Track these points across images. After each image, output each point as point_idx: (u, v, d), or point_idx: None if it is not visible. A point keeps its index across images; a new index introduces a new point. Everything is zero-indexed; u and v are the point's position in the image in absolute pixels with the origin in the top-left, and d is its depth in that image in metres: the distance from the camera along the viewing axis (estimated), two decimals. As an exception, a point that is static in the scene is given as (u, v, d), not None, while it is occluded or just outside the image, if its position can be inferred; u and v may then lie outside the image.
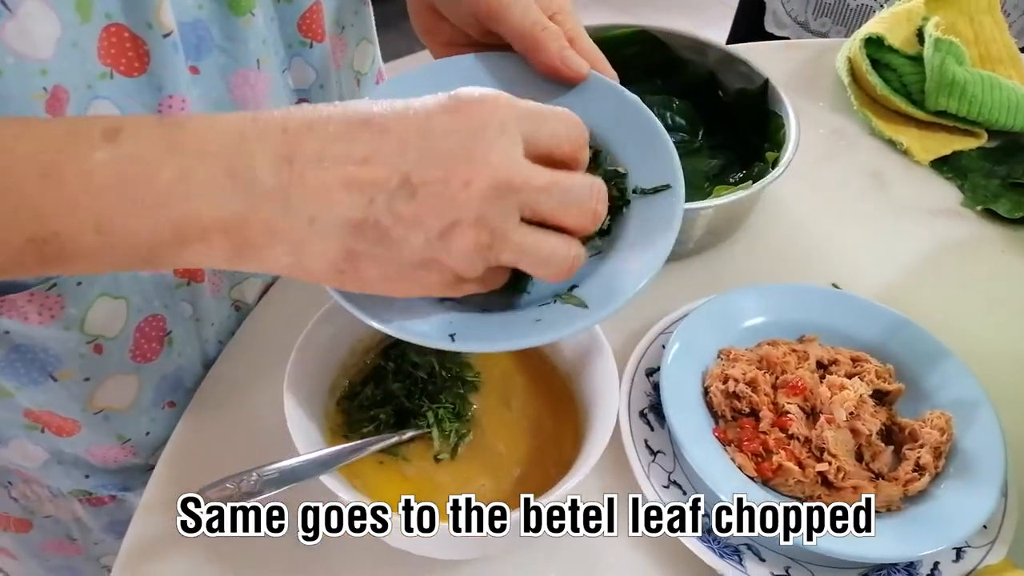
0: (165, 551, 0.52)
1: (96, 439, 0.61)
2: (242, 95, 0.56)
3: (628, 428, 0.56)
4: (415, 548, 0.48)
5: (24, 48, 0.42)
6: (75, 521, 0.69)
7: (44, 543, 0.71)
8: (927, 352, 0.60)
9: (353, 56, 0.69)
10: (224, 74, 0.55)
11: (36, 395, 0.56)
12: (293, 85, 0.63)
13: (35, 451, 0.61)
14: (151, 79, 0.50)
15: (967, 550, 0.52)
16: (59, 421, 0.58)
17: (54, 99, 0.45)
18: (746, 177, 0.72)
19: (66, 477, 0.64)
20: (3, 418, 0.58)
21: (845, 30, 1.13)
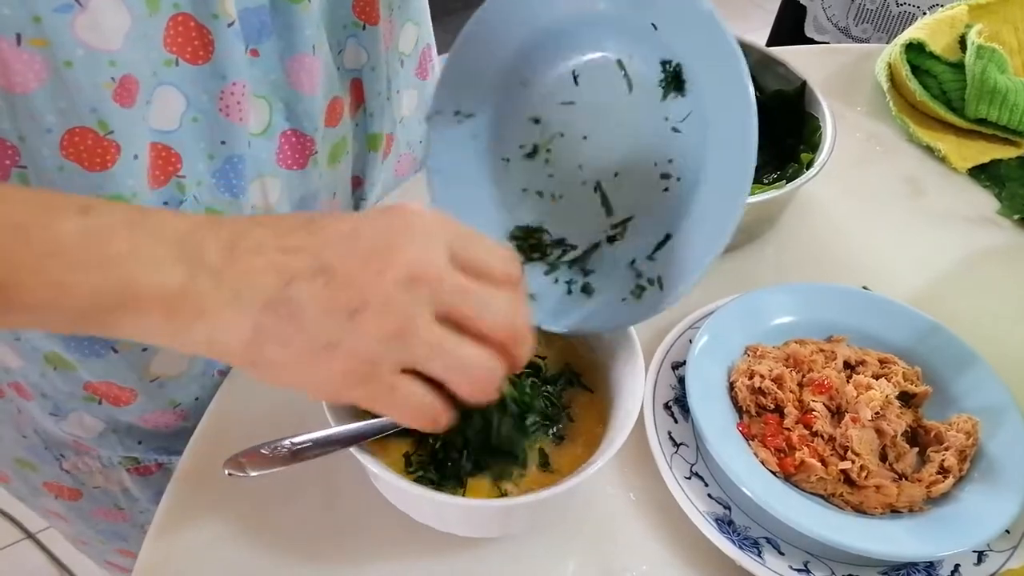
0: (198, 519, 0.54)
1: (151, 405, 0.64)
2: (298, 79, 0.59)
3: (652, 419, 0.57)
4: (440, 523, 0.49)
5: (95, 40, 0.45)
6: (123, 491, 0.72)
7: (93, 510, 0.75)
8: (956, 357, 0.60)
9: (399, 38, 0.71)
10: (282, 57, 0.57)
11: (97, 367, 0.60)
12: (347, 66, 0.65)
13: (92, 422, 0.65)
14: (215, 67, 0.52)
15: (989, 554, 0.52)
16: (116, 391, 0.62)
17: (122, 88, 0.48)
18: (780, 177, 0.73)
19: (120, 444, 0.67)
20: (64, 392, 0.62)
21: (887, 37, 1.13)
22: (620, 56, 0.50)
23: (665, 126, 0.48)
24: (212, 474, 0.55)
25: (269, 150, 0.61)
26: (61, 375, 0.61)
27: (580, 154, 0.52)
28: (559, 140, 0.52)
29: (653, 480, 0.55)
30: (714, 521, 0.52)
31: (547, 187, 0.53)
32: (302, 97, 0.60)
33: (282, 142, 0.61)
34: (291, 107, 0.60)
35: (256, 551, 0.52)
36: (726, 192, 0.45)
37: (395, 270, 0.37)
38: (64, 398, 0.63)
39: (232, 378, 0.62)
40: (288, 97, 0.59)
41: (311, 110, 0.61)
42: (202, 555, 0.52)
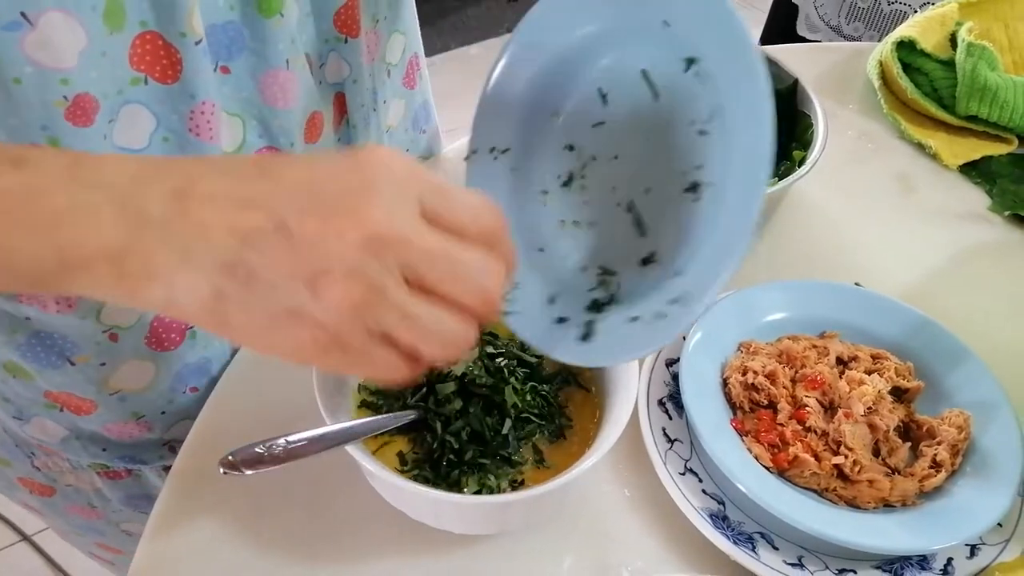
0: (194, 518, 0.54)
1: (112, 417, 0.63)
2: (272, 95, 0.57)
3: (646, 416, 0.57)
4: (435, 521, 0.49)
5: (45, 59, 0.43)
6: (95, 492, 0.72)
7: (67, 507, 0.75)
8: (948, 352, 0.60)
9: (385, 49, 0.70)
10: (254, 74, 0.55)
11: (55, 377, 0.59)
12: (329, 80, 0.63)
13: (54, 428, 0.64)
14: (184, 87, 0.51)
15: (981, 547, 0.52)
16: (76, 401, 0.61)
17: (76, 107, 0.46)
18: (772, 175, 0.73)
19: (84, 451, 0.66)
20: (25, 397, 0.61)
21: (878, 35, 1.13)
22: (642, 64, 0.48)
23: (692, 130, 0.47)
24: (207, 473, 0.56)
25: None
26: (20, 383, 0.60)
27: (612, 175, 0.51)
28: (592, 164, 0.51)
29: (648, 476, 0.55)
30: (708, 516, 0.52)
31: (582, 216, 0.51)
32: (277, 113, 0.58)
33: None
34: (266, 123, 0.58)
35: (252, 549, 0.52)
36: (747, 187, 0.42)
37: (359, 231, 0.34)
38: (26, 403, 0.62)
39: (228, 377, 0.62)
40: (262, 114, 0.58)
41: (287, 126, 0.59)
42: (198, 554, 0.52)
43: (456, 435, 0.50)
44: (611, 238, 0.50)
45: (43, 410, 0.62)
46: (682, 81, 0.46)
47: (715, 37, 0.44)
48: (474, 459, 0.50)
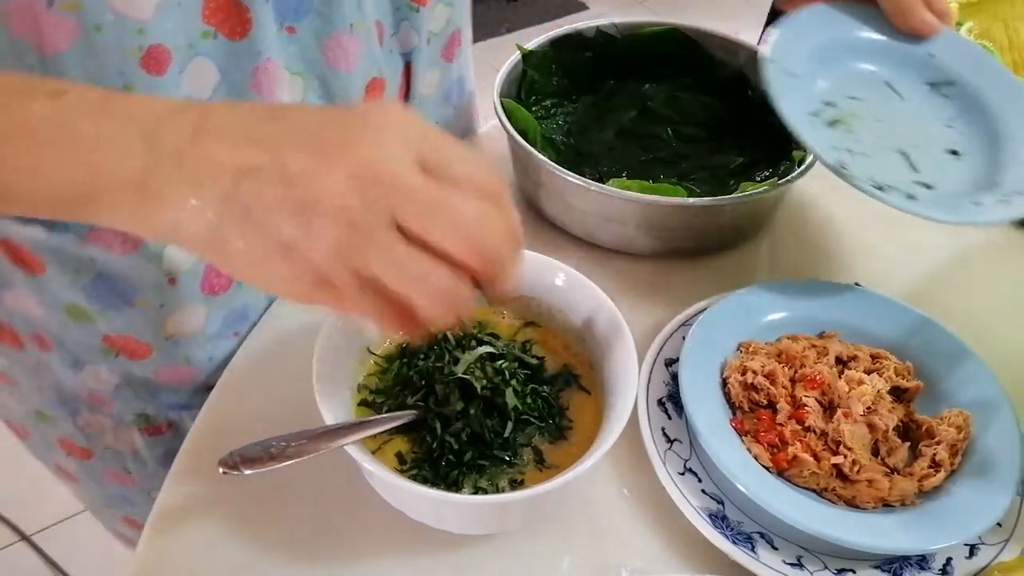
0: (193, 517, 0.54)
1: (164, 361, 0.66)
2: (335, 57, 0.59)
3: (646, 416, 0.57)
4: (435, 521, 0.49)
5: (125, 8, 0.46)
6: (132, 453, 0.74)
7: (103, 471, 0.77)
8: (948, 352, 0.60)
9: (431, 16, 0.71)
10: (318, 36, 0.57)
11: (116, 320, 0.61)
12: (401, 49, 0.66)
13: (108, 375, 0.66)
14: (250, 44, 0.53)
15: (980, 547, 0.52)
16: (133, 345, 0.64)
17: (150, 57, 0.48)
18: (772, 175, 0.73)
19: (133, 400, 0.69)
20: (83, 343, 0.64)
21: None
22: (889, 78, 0.67)
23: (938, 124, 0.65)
24: (207, 473, 0.56)
25: None
26: (81, 327, 0.62)
27: (879, 129, 0.63)
28: (855, 119, 0.63)
29: (647, 476, 0.55)
30: (708, 516, 0.52)
31: (855, 147, 0.61)
32: (339, 74, 0.60)
33: None
34: (327, 85, 0.60)
35: (251, 549, 0.52)
36: None
37: (347, 167, 0.35)
38: (82, 350, 0.64)
39: (228, 377, 0.62)
40: (324, 75, 0.60)
41: (347, 88, 0.61)
42: (198, 554, 0.52)
43: (456, 436, 0.50)
44: (886, 169, 0.61)
45: (99, 356, 0.64)
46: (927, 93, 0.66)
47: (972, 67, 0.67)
48: (473, 460, 0.50)
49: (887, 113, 0.65)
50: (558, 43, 0.80)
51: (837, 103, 0.64)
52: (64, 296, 0.59)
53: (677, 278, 0.70)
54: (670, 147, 0.78)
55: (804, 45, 0.65)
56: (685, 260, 0.72)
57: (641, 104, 0.81)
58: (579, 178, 0.66)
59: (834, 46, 0.66)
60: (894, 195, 0.58)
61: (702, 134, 0.79)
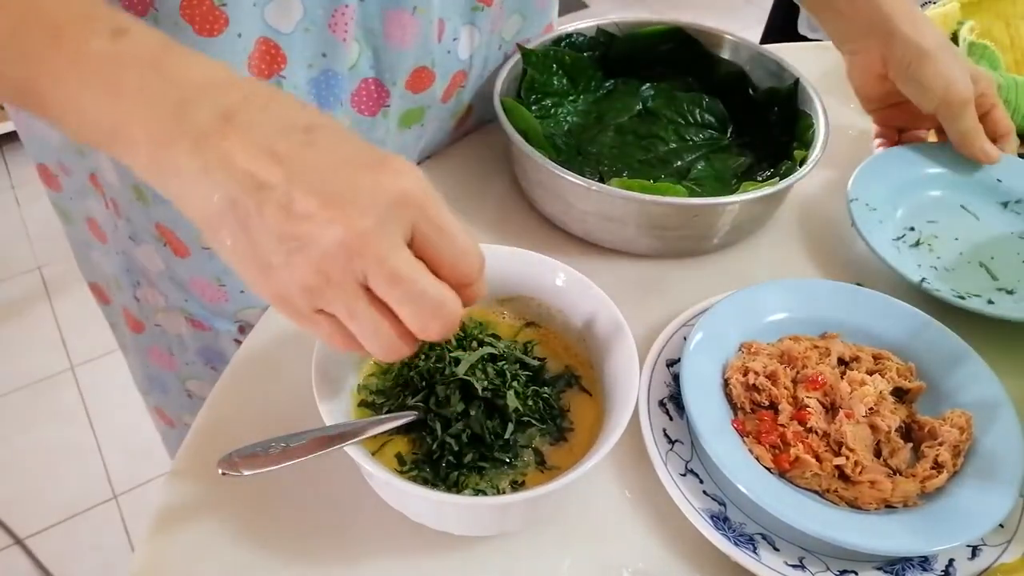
0: (192, 518, 0.53)
1: (199, 270, 0.70)
2: (391, 31, 0.62)
3: (647, 416, 0.57)
4: (435, 522, 0.49)
5: None
6: (176, 336, 0.78)
7: (150, 348, 0.83)
8: (949, 352, 0.60)
9: (504, 25, 0.74)
10: (383, 8, 0.61)
11: (165, 211, 0.66)
12: (460, 55, 0.70)
13: (157, 259, 0.71)
14: None
15: (983, 548, 0.52)
16: (176, 242, 0.68)
17: None
18: (774, 175, 0.73)
19: (175, 295, 0.73)
20: (139, 223, 0.69)
21: (879, 34, 1.13)
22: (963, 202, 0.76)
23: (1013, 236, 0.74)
24: (206, 474, 0.55)
25: (347, 91, 0.64)
26: (139, 207, 0.67)
27: (957, 246, 0.72)
28: (934, 240, 0.73)
29: (648, 477, 0.55)
30: (709, 518, 0.52)
31: (937, 264, 0.71)
32: (390, 49, 0.63)
33: (360, 87, 0.65)
34: (378, 55, 0.64)
35: (251, 549, 0.52)
36: None
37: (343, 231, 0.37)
38: (140, 229, 0.69)
39: (227, 378, 0.62)
40: (377, 46, 0.63)
41: (396, 65, 0.64)
42: (198, 554, 0.52)
43: (456, 437, 0.50)
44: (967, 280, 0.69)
45: (152, 239, 0.69)
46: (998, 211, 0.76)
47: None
48: (474, 462, 0.50)
49: (964, 231, 0.74)
50: (559, 42, 0.80)
51: (917, 227, 0.74)
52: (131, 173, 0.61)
53: (677, 278, 0.70)
54: (671, 147, 0.78)
55: (881, 183, 0.74)
56: (685, 260, 0.72)
57: (642, 103, 0.81)
58: (579, 178, 0.66)
59: (908, 180, 0.76)
60: (975, 302, 0.65)
61: (703, 133, 0.79)
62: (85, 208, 0.75)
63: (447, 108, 0.74)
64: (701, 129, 0.79)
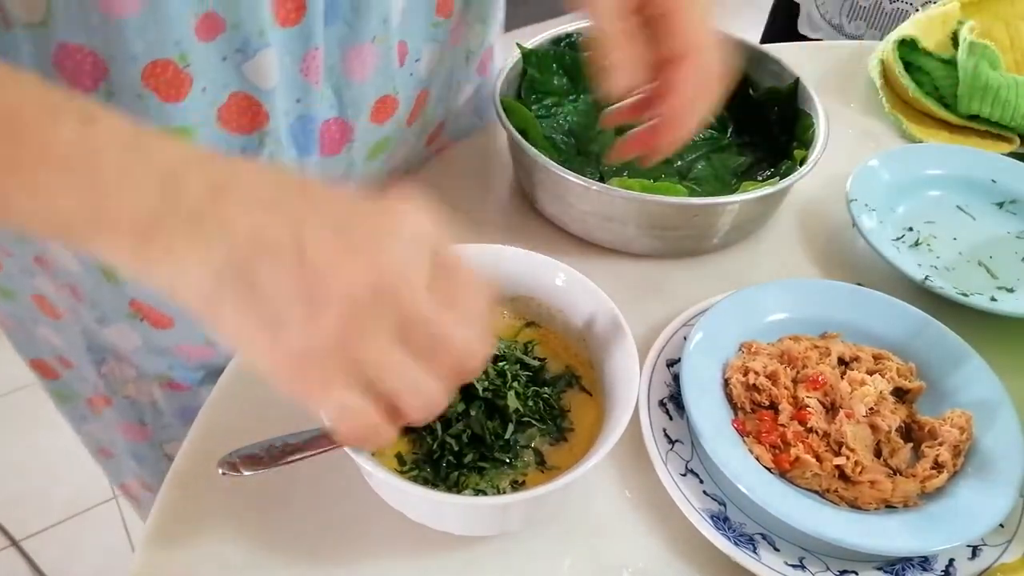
0: (192, 518, 0.53)
1: (186, 336, 0.67)
2: (351, 67, 0.60)
3: (647, 416, 0.57)
4: (436, 522, 0.49)
5: None
6: (150, 404, 0.74)
7: (119, 422, 0.78)
8: (950, 352, 0.60)
9: (467, 33, 0.72)
10: (343, 45, 0.58)
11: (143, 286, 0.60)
12: (422, 74, 0.66)
13: (132, 336, 0.67)
14: (303, 29, 0.54)
15: (983, 548, 0.52)
16: (157, 315, 0.65)
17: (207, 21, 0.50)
18: (774, 175, 0.73)
19: (154, 364, 0.70)
20: (110, 303, 0.65)
21: (880, 34, 1.13)
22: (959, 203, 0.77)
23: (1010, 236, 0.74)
24: (207, 473, 0.55)
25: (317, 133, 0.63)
26: (111, 288, 0.63)
27: (956, 246, 0.73)
28: (933, 240, 0.73)
29: (648, 477, 0.55)
30: (709, 518, 0.52)
31: (937, 263, 0.71)
32: (352, 85, 0.61)
33: (323, 128, 0.63)
34: (339, 94, 0.61)
35: (251, 549, 0.52)
36: None
37: (370, 275, 0.35)
38: (111, 310, 0.65)
39: (228, 377, 0.62)
40: (338, 84, 0.61)
41: (358, 99, 0.62)
42: (198, 554, 0.52)
43: (456, 437, 0.50)
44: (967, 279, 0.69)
45: (125, 319, 0.65)
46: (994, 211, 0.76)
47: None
48: (474, 462, 0.50)
49: (962, 232, 0.75)
50: (559, 42, 0.80)
51: (916, 227, 0.75)
52: None
53: (677, 278, 0.70)
54: (671, 146, 0.78)
55: (881, 183, 0.75)
56: (685, 260, 0.72)
57: (642, 103, 0.81)
58: (579, 178, 0.66)
59: (907, 180, 0.77)
60: (978, 299, 0.65)
61: (703, 133, 0.79)
62: (31, 286, 0.69)
63: (413, 131, 0.72)
64: (701, 129, 0.79)
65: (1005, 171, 0.78)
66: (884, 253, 0.68)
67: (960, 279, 0.69)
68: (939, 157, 0.79)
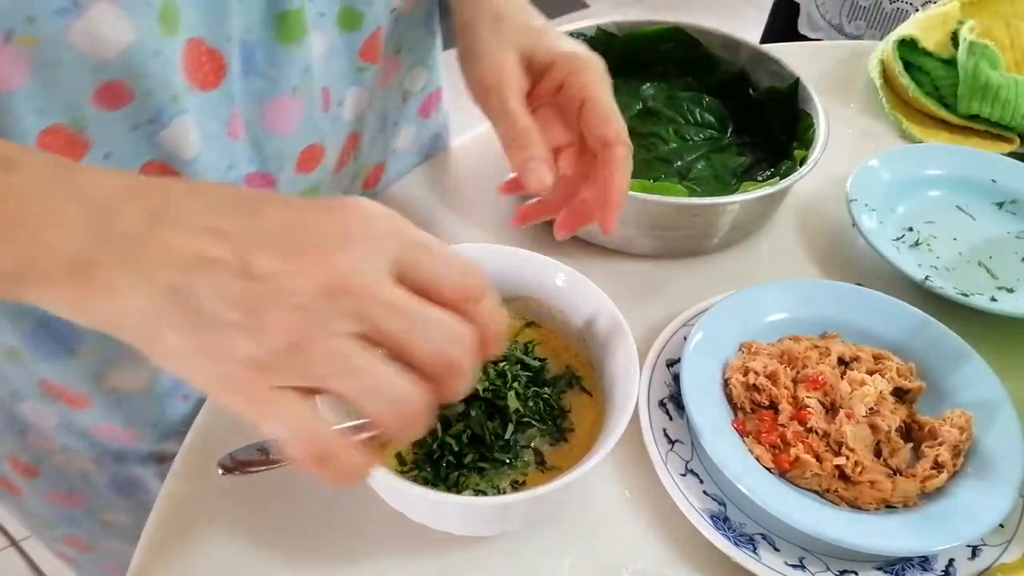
0: (192, 517, 0.53)
1: (103, 418, 0.62)
2: (271, 119, 0.56)
3: (647, 416, 0.57)
4: (436, 522, 0.49)
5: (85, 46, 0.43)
6: (80, 473, 0.70)
7: (48, 490, 0.73)
8: (950, 352, 0.60)
9: (405, 77, 0.70)
10: (260, 98, 0.55)
11: (53, 368, 0.58)
12: (347, 117, 0.63)
13: (47, 414, 0.63)
14: (225, 90, 0.51)
15: (983, 548, 0.52)
16: (71, 395, 0.60)
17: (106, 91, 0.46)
18: (774, 175, 0.73)
19: (75, 442, 0.66)
20: (18, 382, 0.61)
21: (880, 34, 1.13)
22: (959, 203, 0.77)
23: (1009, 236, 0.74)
24: (207, 473, 0.55)
25: None
26: (18, 367, 0.59)
27: (956, 246, 0.73)
28: (933, 240, 0.73)
29: (648, 477, 0.55)
30: (709, 518, 0.52)
31: (937, 263, 0.71)
32: (274, 137, 0.57)
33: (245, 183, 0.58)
34: (259, 146, 0.57)
35: (251, 549, 0.52)
36: None
37: (321, 276, 0.33)
38: (21, 387, 0.61)
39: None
40: (257, 137, 0.57)
41: (281, 150, 0.58)
42: (198, 554, 0.52)
43: (457, 437, 0.50)
44: (967, 279, 0.69)
45: (37, 397, 0.61)
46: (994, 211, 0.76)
47: None
48: (474, 462, 0.50)
49: (962, 232, 0.75)
50: (558, 42, 0.80)
51: (916, 227, 0.75)
52: (1, 337, 0.56)
53: (677, 278, 0.70)
54: (671, 146, 0.78)
55: (881, 183, 0.75)
56: (685, 260, 0.72)
57: (642, 103, 0.81)
58: (580, 178, 0.65)
59: (907, 180, 0.77)
60: (978, 299, 0.65)
61: (703, 133, 0.79)
62: None
63: (343, 177, 0.68)
64: (701, 129, 0.79)
65: (1005, 171, 0.78)
66: (884, 253, 0.68)
67: (960, 279, 0.69)
68: (939, 157, 0.79)
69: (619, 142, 0.52)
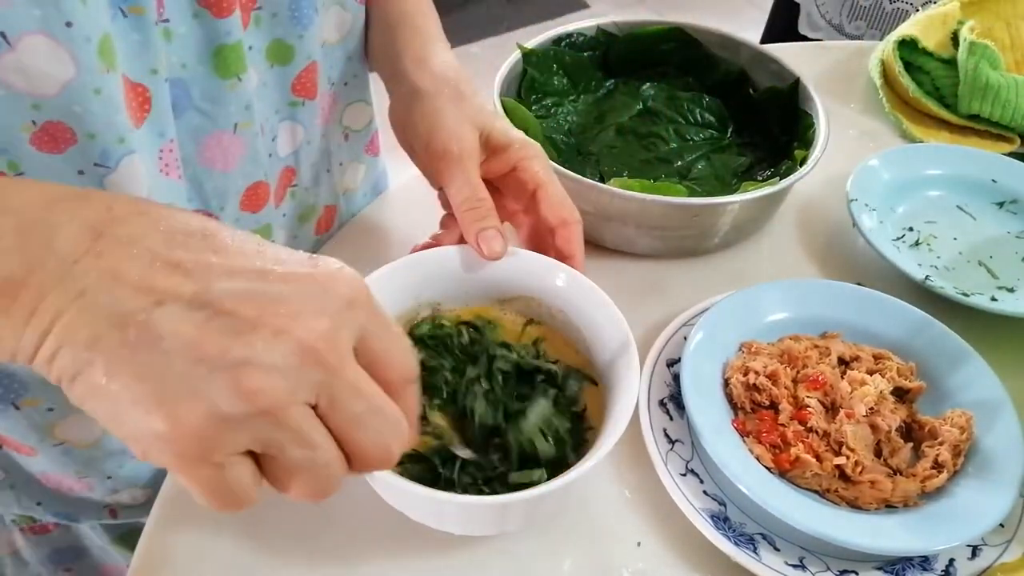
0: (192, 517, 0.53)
1: (52, 468, 0.60)
2: (211, 157, 0.55)
3: (647, 416, 0.57)
4: (436, 522, 0.49)
5: (19, 82, 0.41)
6: (11, 555, 0.67)
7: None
8: (950, 352, 0.60)
9: (343, 113, 0.69)
10: (196, 135, 0.53)
11: None
12: (280, 153, 0.62)
13: None
14: (152, 125, 0.49)
15: (983, 548, 0.52)
16: (18, 444, 0.58)
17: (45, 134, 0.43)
18: (774, 175, 0.73)
19: (15, 503, 0.62)
20: None
21: (880, 34, 1.13)
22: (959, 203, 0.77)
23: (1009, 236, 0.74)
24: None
25: None
26: None
27: (956, 246, 0.73)
28: (933, 240, 0.73)
29: (648, 477, 0.55)
30: (710, 518, 0.52)
31: (937, 263, 0.71)
32: (213, 175, 0.56)
33: None
34: (198, 185, 0.56)
35: (250, 551, 0.52)
36: None
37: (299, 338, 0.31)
38: None
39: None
40: (196, 175, 0.55)
41: (222, 188, 0.57)
42: (198, 554, 0.52)
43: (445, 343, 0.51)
44: (967, 280, 0.69)
45: None
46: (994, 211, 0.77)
47: None
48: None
49: (962, 231, 0.75)
50: (559, 42, 0.80)
51: (916, 227, 0.75)
52: None
53: (677, 278, 0.70)
54: (671, 146, 0.78)
55: (881, 183, 0.75)
56: (685, 260, 0.72)
57: (642, 103, 0.81)
58: (580, 177, 0.66)
59: (907, 180, 0.77)
60: (978, 299, 0.65)
61: (703, 133, 0.79)
62: None
63: (286, 213, 0.66)
64: (701, 129, 0.79)
65: (1005, 171, 0.78)
66: (884, 253, 0.68)
67: (960, 279, 0.69)
68: (939, 157, 0.79)
69: (575, 220, 0.56)
